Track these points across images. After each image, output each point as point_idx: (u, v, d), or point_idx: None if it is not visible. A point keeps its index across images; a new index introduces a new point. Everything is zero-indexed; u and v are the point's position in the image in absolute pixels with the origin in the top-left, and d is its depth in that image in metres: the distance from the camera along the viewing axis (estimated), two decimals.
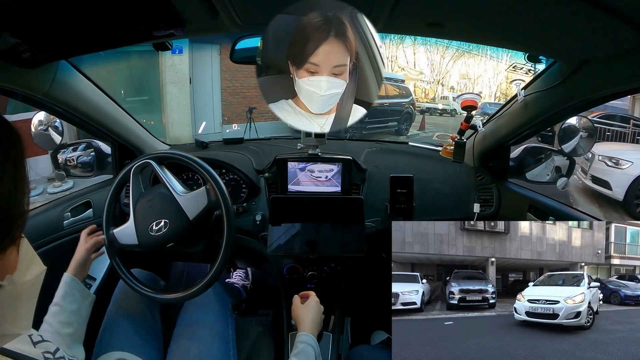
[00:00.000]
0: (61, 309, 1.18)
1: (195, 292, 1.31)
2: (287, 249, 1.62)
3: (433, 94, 14.39)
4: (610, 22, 0.85)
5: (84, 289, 1.28)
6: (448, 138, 1.78)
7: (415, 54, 14.02)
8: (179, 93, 9.08)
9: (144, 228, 1.34)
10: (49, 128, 1.67)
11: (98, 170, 1.89)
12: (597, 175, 6.49)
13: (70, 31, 1.03)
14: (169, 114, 9.08)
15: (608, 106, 8.68)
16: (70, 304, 1.21)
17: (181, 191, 1.36)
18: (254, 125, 8.50)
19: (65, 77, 1.37)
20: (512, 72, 2.18)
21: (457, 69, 14.19)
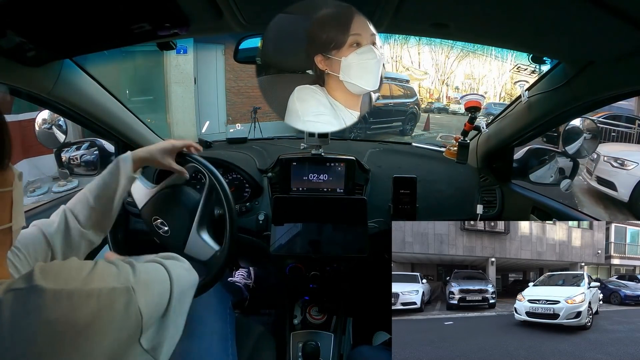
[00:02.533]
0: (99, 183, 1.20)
1: (197, 291, 1.30)
2: (290, 248, 1.62)
3: (438, 94, 14.39)
4: (614, 23, 0.85)
5: (130, 171, 1.24)
6: (452, 139, 1.77)
7: (419, 54, 14.04)
8: (183, 93, 9.11)
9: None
10: (52, 126, 1.68)
11: (101, 169, 1.88)
12: (602, 176, 6.44)
13: (74, 30, 1.04)
14: (174, 113, 9.12)
15: (613, 106, 8.65)
16: (109, 175, 1.21)
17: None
18: (259, 125, 8.51)
19: (70, 76, 1.37)
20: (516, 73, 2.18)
21: (461, 69, 14.20)
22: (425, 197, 1.76)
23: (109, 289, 0.62)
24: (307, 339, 1.69)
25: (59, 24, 0.98)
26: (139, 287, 0.67)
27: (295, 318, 1.76)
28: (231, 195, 1.32)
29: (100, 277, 0.63)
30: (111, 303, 0.62)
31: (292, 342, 1.70)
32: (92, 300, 0.59)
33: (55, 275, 0.60)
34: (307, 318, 1.75)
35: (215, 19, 1.10)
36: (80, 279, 0.61)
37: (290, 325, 1.75)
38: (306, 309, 1.77)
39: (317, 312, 1.76)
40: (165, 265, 0.79)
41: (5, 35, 0.94)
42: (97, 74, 1.52)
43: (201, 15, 1.08)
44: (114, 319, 0.62)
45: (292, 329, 1.74)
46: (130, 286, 0.65)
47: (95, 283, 0.61)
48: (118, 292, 0.63)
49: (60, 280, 0.60)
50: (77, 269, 0.63)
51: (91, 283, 0.61)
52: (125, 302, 0.64)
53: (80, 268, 0.63)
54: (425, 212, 1.74)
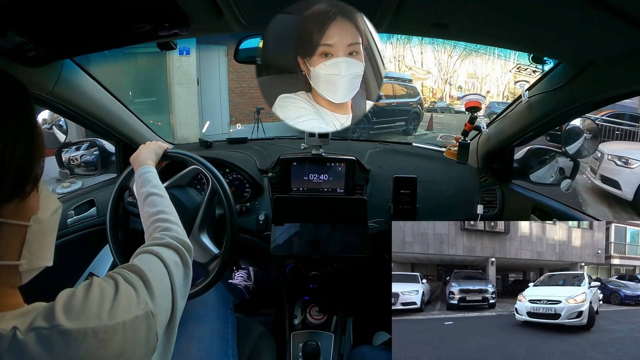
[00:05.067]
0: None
1: (197, 292, 1.30)
2: (290, 248, 1.62)
3: (441, 94, 14.37)
4: (615, 23, 0.85)
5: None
6: (452, 139, 1.77)
7: (422, 53, 14.02)
8: (186, 94, 9.14)
9: None
10: (53, 127, 1.68)
11: (102, 169, 1.89)
12: (606, 174, 6.41)
13: (75, 30, 1.04)
14: (177, 114, 9.15)
15: (617, 105, 8.60)
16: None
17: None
18: (262, 126, 8.51)
19: (70, 76, 1.38)
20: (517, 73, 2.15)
21: (464, 68, 14.17)
22: (426, 197, 1.76)
23: (132, 319, 0.61)
24: (307, 339, 1.68)
25: (59, 24, 0.98)
26: (157, 308, 0.67)
27: (296, 318, 1.76)
28: (232, 197, 1.32)
29: (124, 308, 0.62)
30: (135, 333, 0.61)
31: (292, 342, 1.70)
32: (118, 334, 0.59)
33: (78, 313, 0.58)
34: (307, 318, 1.75)
35: (215, 19, 1.10)
36: (104, 314, 0.59)
37: (291, 325, 1.75)
38: (306, 309, 1.77)
39: (318, 312, 1.75)
40: (168, 268, 0.77)
41: (6, 35, 0.94)
42: (100, 76, 1.52)
43: (201, 15, 1.08)
44: (137, 349, 0.61)
45: (292, 329, 1.74)
46: (150, 310, 0.65)
47: (120, 316, 0.60)
48: (140, 320, 0.63)
49: (84, 318, 0.58)
50: (99, 302, 0.60)
51: (115, 317, 0.60)
52: (147, 329, 0.63)
53: (102, 300, 0.61)
54: (426, 212, 1.73)
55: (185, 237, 0.93)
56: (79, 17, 0.97)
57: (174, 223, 0.98)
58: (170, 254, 0.82)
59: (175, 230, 0.94)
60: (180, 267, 0.83)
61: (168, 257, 0.80)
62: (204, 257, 1.32)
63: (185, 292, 0.83)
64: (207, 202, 1.34)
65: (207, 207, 1.34)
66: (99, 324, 0.58)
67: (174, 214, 1.03)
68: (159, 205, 1.03)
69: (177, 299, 0.75)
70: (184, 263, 0.85)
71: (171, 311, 0.74)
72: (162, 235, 0.89)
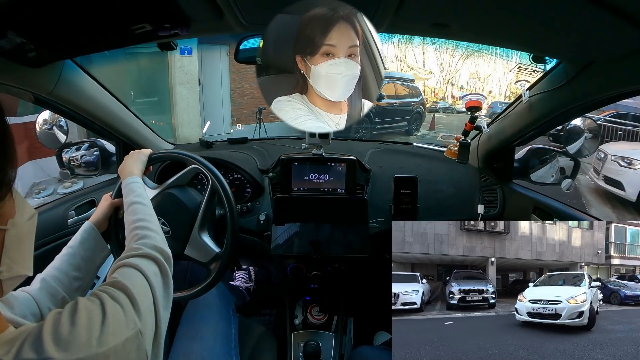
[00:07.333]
0: (75, 254, 1.12)
1: (198, 292, 1.31)
2: (291, 248, 1.62)
3: (443, 94, 14.35)
4: (615, 23, 0.85)
5: (101, 240, 1.21)
6: (452, 139, 1.77)
7: (424, 53, 14.00)
8: (188, 94, 9.13)
9: None
10: (53, 127, 1.69)
11: (102, 169, 1.89)
12: (609, 175, 6.38)
13: (75, 31, 1.04)
14: (179, 115, 9.14)
15: (619, 105, 8.58)
16: (85, 251, 1.14)
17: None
18: (264, 126, 8.51)
19: (71, 76, 1.38)
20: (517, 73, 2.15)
21: (466, 68, 14.15)
22: (426, 197, 1.76)
23: (123, 342, 0.61)
24: (308, 339, 1.68)
25: (60, 24, 0.99)
26: (144, 325, 0.67)
27: (296, 318, 1.76)
28: (231, 194, 1.32)
29: (113, 332, 0.61)
30: (126, 356, 0.61)
31: (293, 342, 1.70)
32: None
33: (67, 342, 0.57)
34: (308, 318, 1.75)
35: (215, 19, 1.10)
36: (94, 342, 0.58)
37: (291, 325, 1.75)
38: (307, 309, 1.77)
39: (318, 312, 1.75)
40: (149, 281, 0.77)
41: (6, 36, 0.95)
42: (101, 76, 1.52)
43: (202, 15, 1.08)
44: None
45: (293, 329, 1.74)
46: (138, 329, 0.65)
47: (110, 342, 0.60)
48: (130, 342, 0.63)
49: (74, 348, 0.57)
50: (87, 329, 0.59)
51: (106, 344, 0.59)
52: (137, 349, 0.63)
53: (91, 326, 0.60)
54: (426, 212, 1.73)
55: (164, 245, 0.92)
56: (80, 18, 0.97)
57: (153, 230, 0.97)
58: (150, 265, 0.82)
59: (153, 237, 0.93)
60: (159, 277, 0.82)
61: (148, 269, 0.79)
62: (205, 257, 1.32)
63: (168, 302, 0.81)
64: (207, 200, 1.34)
65: (207, 206, 1.34)
66: (89, 353, 0.57)
67: (154, 221, 1.02)
68: (139, 214, 1.03)
69: (159, 312, 0.74)
70: (163, 272, 0.84)
71: (155, 325, 0.73)
72: (138, 245, 0.88)
